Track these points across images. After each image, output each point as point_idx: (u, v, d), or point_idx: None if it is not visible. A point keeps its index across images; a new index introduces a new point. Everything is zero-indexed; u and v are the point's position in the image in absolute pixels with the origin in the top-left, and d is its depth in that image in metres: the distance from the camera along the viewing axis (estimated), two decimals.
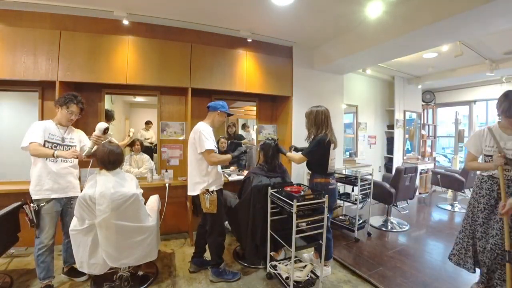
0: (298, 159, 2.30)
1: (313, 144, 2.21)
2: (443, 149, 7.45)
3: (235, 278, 2.25)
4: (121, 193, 1.78)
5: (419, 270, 2.42)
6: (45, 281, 1.95)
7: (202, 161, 2.12)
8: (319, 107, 2.31)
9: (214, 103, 2.26)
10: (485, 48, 3.64)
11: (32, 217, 1.85)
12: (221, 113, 2.24)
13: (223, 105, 2.27)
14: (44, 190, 1.92)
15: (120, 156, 1.92)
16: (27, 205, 1.86)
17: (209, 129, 2.16)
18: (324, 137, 2.19)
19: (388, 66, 4.62)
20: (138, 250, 1.92)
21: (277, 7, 2.53)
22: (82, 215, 1.79)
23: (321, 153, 2.20)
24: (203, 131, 2.09)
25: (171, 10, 2.70)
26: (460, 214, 4.16)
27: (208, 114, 2.28)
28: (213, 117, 2.25)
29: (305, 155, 2.26)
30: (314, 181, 2.29)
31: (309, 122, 2.32)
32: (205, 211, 2.12)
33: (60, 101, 2.01)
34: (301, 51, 3.66)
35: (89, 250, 1.82)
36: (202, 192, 2.10)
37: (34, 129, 1.91)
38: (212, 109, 2.25)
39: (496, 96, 1.91)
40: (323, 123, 2.25)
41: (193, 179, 2.18)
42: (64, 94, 2.06)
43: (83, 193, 1.79)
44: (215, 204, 2.11)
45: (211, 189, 2.12)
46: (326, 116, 2.28)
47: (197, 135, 2.09)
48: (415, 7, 2.40)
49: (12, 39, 2.38)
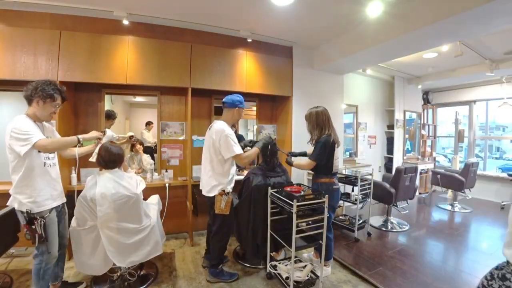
0: (307, 165, 2.25)
1: (319, 147, 2.18)
2: (443, 149, 7.46)
3: (232, 278, 2.25)
4: (121, 194, 1.77)
5: (419, 270, 2.42)
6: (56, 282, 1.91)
7: (223, 163, 2.08)
8: (318, 107, 2.31)
9: (231, 99, 2.12)
10: (485, 48, 3.64)
11: (41, 232, 1.63)
12: (240, 109, 2.15)
13: (241, 100, 2.14)
14: (45, 201, 1.68)
15: (120, 156, 1.92)
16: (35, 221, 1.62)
17: (231, 130, 2.08)
18: (329, 138, 2.18)
19: (388, 66, 4.62)
20: (143, 246, 1.92)
21: (277, 7, 2.53)
22: (83, 215, 1.79)
23: (328, 154, 2.19)
24: (230, 134, 2.01)
25: (171, 10, 2.70)
26: (460, 214, 4.16)
27: (225, 111, 2.16)
28: (232, 114, 2.14)
29: (314, 160, 2.21)
30: (318, 181, 2.27)
31: (311, 124, 2.30)
32: (218, 212, 2.07)
33: (41, 92, 1.64)
34: (301, 51, 3.66)
35: (89, 251, 1.82)
36: (219, 193, 2.07)
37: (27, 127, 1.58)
38: (230, 106, 2.12)
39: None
40: (325, 124, 2.24)
41: (210, 179, 2.11)
42: (39, 83, 1.66)
43: (83, 193, 1.79)
44: (229, 206, 2.09)
45: (228, 190, 2.10)
46: (326, 116, 2.27)
47: (223, 139, 2.00)
48: (415, 7, 2.40)
49: (12, 39, 2.38)
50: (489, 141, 5.78)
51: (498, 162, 6.44)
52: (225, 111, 2.17)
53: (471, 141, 5.63)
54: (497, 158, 6.70)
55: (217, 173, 2.10)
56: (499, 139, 6.25)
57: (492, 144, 6.34)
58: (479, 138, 5.67)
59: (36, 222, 1.62)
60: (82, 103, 2.86)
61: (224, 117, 2.17)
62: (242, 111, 2.18)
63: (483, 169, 5.43)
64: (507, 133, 5.78)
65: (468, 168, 4.27)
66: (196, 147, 3.22)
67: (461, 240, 3.13)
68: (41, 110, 1.67)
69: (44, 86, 1.66)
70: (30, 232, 1.61)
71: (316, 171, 2.33)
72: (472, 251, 2.86)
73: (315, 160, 2.21)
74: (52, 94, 1.67)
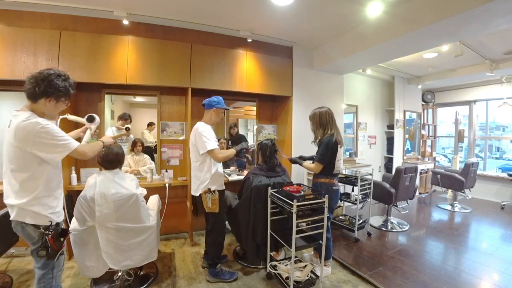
0: (315, 167, 2.24)
1: (322, 147, 2.19)
2: (443, 149, 7.46)
3: (232, 278, 2.25)
4: (121, 194, 1.77)
5: (419, 270, 2.42)
6: None
7: (203, 162, 2.13)
8: (322, 108, 2.31)
9: (209, 100, 2.21)
10: (485, 48, 3.64)
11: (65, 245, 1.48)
12: (217, 109, 2.21)
13: (218, 100, 2.21)
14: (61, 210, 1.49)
15: (120, 156, 1.92)
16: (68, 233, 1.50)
17: (207, 127, 2.14)
18: (331, 138, 2.18)
19: (388, 66, 4.62)
20: (139, 251, 1.92)
21: (277, 7, 2.53)
22: (82, 215, 1.78)
23: (331, 154, 2.19)
24: (203, 132, 2.08)
25: (171, 10, 2.70)
26: (460, 214, 4.16)
27: (205, 113, 2.25)
28: (210, 115, 2.21)
29: (320, 162, 2.20)
30: (318, 181, 2.28)
31: (314, 125, 2.31)
32: (207, 210, 2.14)
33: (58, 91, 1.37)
34: (301, 51, 3.66)
35: (88, 252, 1.82)
36: (204, 191, 2.11)
37: (59, 130, 1.37)
38: (208, 107, 2.21)
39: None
40: (328, 123, 2.25)
41: (195, 179, 2.20)
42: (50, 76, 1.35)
43: (83, 193, 1.79)
44: (217, 204, 2.12)
45: (213, 188, 2.12)
46: (330, 116, 2.28)
47: (198, 137, 2.09)
48: (415, 7, 2.40)
49: (12, 39, 2.38)
50: (489, 141, 5.78)
51: (498, 162, 6.45)
52: (205, 112, 2.25)
53: (471, 141, 5.63)
54: (497, 158, 6.70)
55: (199, 172, 2.16)
56: (499, 139, 6.25)
57: (492, 144, 6.35)
58: (479, 138, 5.67)
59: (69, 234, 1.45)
60: (82, 103, 2.86)
61: (203, 118, 2.24)
62: (220, 111, 2.24)
63: (483, 169, 5.43)
64: (507, 133, 5.78)
65: (468, 168, 4.27)
66: None
67: (461, 240, 3.13)
68: (49, 109, 1.40)
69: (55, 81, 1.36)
70: (54, 247, 1.38)
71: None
72: (472, 251, 2.86)
73: (320, 162, 2.20)
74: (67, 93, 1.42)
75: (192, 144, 2.17)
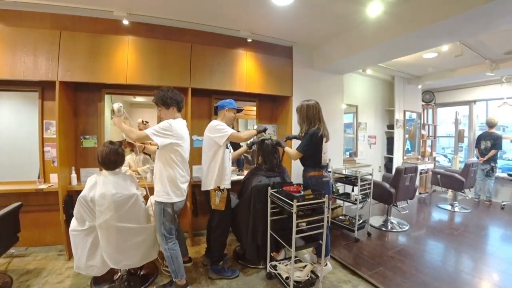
0: (295, 154, 2.31)
1: (306, 138, 2.22)
2: (443, 149, 7.45)
3: (234, 275, 2.29)
4: (121, 194, 1.78)
5: (419, 270, 2.42)
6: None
7: (216, 159, 2.20)
8: (309, 101, 2.32)
9: (221, 102, 2.36)
10: (485, 48, 3.64)
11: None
12: (229, 109, 2.34)
13: (230, 102, 2.37)
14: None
15: (121, 156, 1.92)
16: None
17: (221, 122, 2.28)
18: (317, 131, 2.19)
19: (388, 66, 4.62)
20: (139, 251, 1.92)
21: (277, 7, 2.53)
22: (82, 215, 1.78)
23: (314, 146, 2.21)
24: (218, 125, 2.21)
25: (171, 10, 2.70)
26: (460, 214, 4.16)
27: (218, 114, 2.39)
28: (222, 115, 2.35)
29: (301, 151, 2.25)
30: (308, 175, 2.30)
31: (301, 117, 2.33)
32: (214, 207, 2.18)
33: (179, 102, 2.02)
34: (301, 51, 3.66)
35: (87, 252, 1.82)
36: (214, 189, 2.16)
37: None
38: (221, 108, 2.36)
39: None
40: (315, 117, 2.26)
41: (205, 175, 2.26)
42: (170, 92, 1.99)
43: (83, 193, 1.79)
44: (224, 202, 2.18)
45: (222, 186, 2.18)
46: (317, 110, 2.28)
47: (215, 130, 2.19)
48: (415, 7, 2.40)
49: (12, 39, 2.38)
50: None
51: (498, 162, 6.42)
52: (218, 113, 2.42)
53: (471, 141, 5.63)
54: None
55: (211, 169, 2.22)
56: None
57: None
58: None
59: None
60: (82, 103, 2.87)
61: (217, 118, 2.41)
62: (232, 111, 2.37)
63: None
64: (507, 133, 5.77)
65: (468, 168, 4.27)
66: (196, 147, 3.21)
67: (461, 240, 3.13)
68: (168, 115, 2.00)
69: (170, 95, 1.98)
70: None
71: (305, 164, 2.35)
72: (472, 251, 2.86)
73: (301, 151, 2.25)
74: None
75: (207, 141, 2.26)
